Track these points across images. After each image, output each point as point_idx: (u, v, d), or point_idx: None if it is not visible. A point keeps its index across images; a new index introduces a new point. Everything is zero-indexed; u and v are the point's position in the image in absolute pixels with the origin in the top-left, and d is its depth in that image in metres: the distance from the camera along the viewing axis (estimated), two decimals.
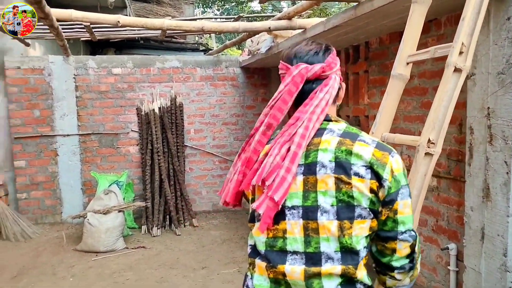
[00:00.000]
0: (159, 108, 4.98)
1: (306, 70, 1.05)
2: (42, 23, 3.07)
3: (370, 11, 2.36)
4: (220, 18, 3.29)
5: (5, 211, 4.40)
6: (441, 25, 2.54)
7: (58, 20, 3.00)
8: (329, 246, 0.98)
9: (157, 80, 5.18)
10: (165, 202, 4.80)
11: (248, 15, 3.48)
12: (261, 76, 5.48)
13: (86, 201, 4.99)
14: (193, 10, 10.56)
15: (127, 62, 5.10)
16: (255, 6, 18.95)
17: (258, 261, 1.08)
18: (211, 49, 8.58)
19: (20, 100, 4.85)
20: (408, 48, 1.74)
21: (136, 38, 7.48)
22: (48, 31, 3.16)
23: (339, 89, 1.12)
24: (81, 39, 4.30)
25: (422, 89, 2.73)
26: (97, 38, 3.95)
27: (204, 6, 16.33)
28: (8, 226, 4.36)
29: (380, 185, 0.98)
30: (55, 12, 2.50)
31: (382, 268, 1.08)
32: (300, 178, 1.02)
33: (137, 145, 5.15)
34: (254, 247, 1.12)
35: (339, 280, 0.98)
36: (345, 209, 0.97)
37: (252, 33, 3.66)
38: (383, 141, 1.48)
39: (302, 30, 3.20)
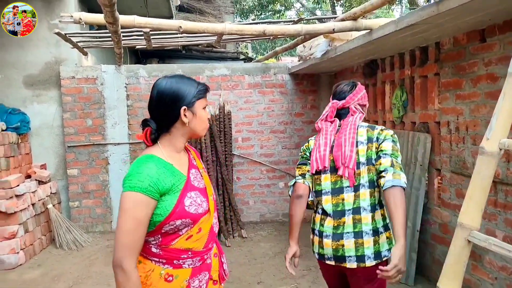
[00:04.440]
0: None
1: (336, 104, 2.00)
2: (100, 31, 3.07)
3: (457, 6, 2.13)
4: (280, 22, 3.15)
5: (58, 219, 4.44)
6: None
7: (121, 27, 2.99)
8: (365, 179, 1.85)
9: None
10: None
11: (307, 18, 3.33)
12: (310, 82, 5.31)
13: None
14: (233, 19, 10.61)
15: (177, 71, 5.09)
16: (292, 15, 18.93)
17: (324, 197, 1.94)
18: (252, 58, 8.53)
19: (74, 109, 4.94)
20: None
21: (180, 48, 7.57)
22: (107, 39, 3.15)
23: (363, 106, 2.03)
24: (137, 47, 4.32)
25: None
26: (153, 46, 3.93)
27: (242, 16, 16.45)
28: (62, 235, 4.39)
29: (378, 142, 1.88)
30: (120, 18, 2.46)
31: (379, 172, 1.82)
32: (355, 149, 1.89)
33: None
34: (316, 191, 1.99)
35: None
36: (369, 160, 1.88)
37: (314, 35, 3.51)
38: (501, 149, 1.37)
39: (368, 31, 3.01)
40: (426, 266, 3.36)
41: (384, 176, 1.74)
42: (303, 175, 1.99)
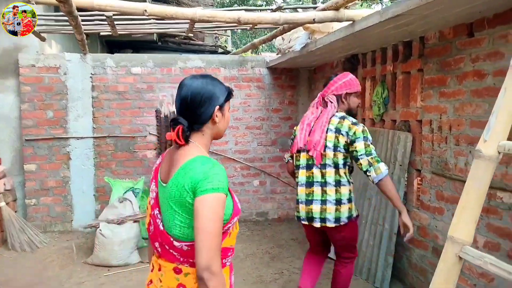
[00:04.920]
0: None
1: (321, 95, 2.52)
2: (60, 17, 2.75)
3: None
4: (257, 10, 2.90)
5: (12, 219, 4.06)
6: None
7: (78, 10, 2.68)
8: (330, 160, 2.36)
9: (178, 81, 4.77)
10: None
11: (287, 7, 3.10)
12: (289, 77, 5.10)
13: (99, 209, 4.64)
14: None
15: (147, 61, 4.77)
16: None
17: (300, 170, 2.47)
18: (230, 52, 8.25)
19: (33, 100, 4.55)
20: None
21: (155, 39, 7.22)
22: (67, 24, 2.82)
23: (338, 100, 2.48)
24: (101, 33, 3.98)
25: (498, 90, 2.29)
26: (118, 32, 3.61)
27: (222, 8, 16.10)
28: (14, 235, 4.02)
29: (348, 138, 2.32)
30: None
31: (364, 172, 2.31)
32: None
33: (155, 149, 4.80)
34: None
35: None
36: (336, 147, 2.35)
37: (293, 26, 3.28)
38: (500, 152, 1.18)
39: (350, 22, 2.81)
40: (403, 270, 3.21)
41: (369, 175, 2.30)
42: (291, 156, 2.65)
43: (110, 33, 3.52)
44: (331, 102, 2.43)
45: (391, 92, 3.38)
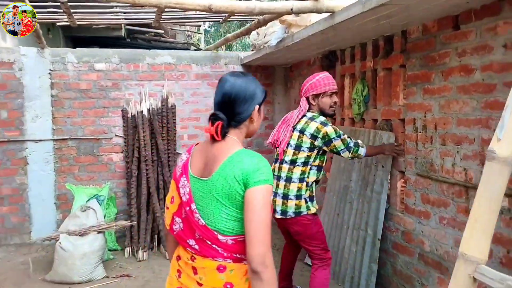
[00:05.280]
0: (148, 109, 4.32)
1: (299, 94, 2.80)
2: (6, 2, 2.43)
3: None
4: None
5: None
6: None
7: None
8: (289, 158, 2.58)
9: (146, 78, 4.52)
10: (153, 220, 4.12)
11: None
12: (265, 75, 4.88)
13: (60, 218, 4.27)
14: None
15: (112, 57, 4.43)
16: None
17: (274, 164, 2.72)
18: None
19: None
20: None
21: (123, 35, 6.83)
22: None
23: (307, 100, 2.65)
24: (58, 24, 3.62)
25: (486, 85, 2.17)
26: (77, 22, 3.27)
27: None
28: None
29: (316, 139, 2.53)
30: None
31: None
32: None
33: (122, 152, 4.47)
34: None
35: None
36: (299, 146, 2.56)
37: (269, 18, 3.06)
38: None
39: (330, 14, 2.62)
40: (387, 278, 3.06)
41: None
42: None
43: (68, 23, 3.18)
44: (300, 105, 2.64)
45: (371, 90, 3.22)
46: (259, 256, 1.18)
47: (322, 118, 2.59)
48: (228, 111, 1.34)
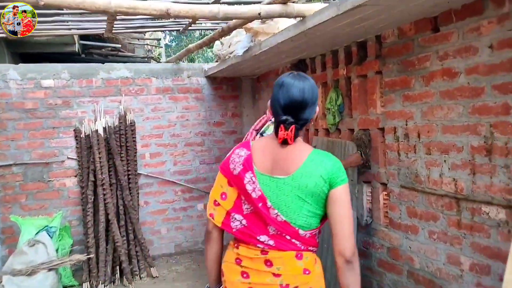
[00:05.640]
0: (104, 128, 3.93)
1: None
2: None
3: None
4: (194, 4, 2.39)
5: None
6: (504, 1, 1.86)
7: None
8: None
9: (101, 94, 4.13)
10: (113, 250, 3.71)
11: (227, 0, 2.63)
12: (231, 87, 4.63)
13: (6, 254, 3.75)
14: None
15: (62, 72, 4.02)
16: None
17: None
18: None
19: None
20: None
21: (77, 50, 6.36)
22: None
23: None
24: None
25: (473, 89, 2.03)
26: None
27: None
28: None
29: None
30: None
31: None
32: None
33: (76, 176, 4.02)
34: None
35: None
36: None
37: (234, 26, 2.83)
38: None
39: (300, 19, 2.42)
40: None
41: None
42: None
43: (4, 35, 2.78)
44: (266, 111, 2.63)
45: (346, 99, 3.05)
46: (352, 247, 1.30)
47: None
48: (296, 114, 1.36)
